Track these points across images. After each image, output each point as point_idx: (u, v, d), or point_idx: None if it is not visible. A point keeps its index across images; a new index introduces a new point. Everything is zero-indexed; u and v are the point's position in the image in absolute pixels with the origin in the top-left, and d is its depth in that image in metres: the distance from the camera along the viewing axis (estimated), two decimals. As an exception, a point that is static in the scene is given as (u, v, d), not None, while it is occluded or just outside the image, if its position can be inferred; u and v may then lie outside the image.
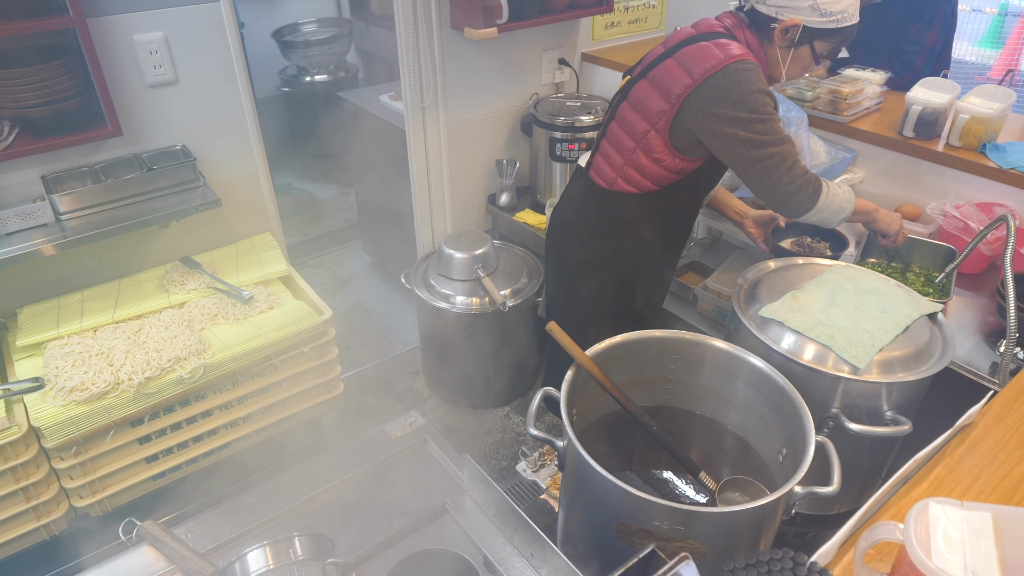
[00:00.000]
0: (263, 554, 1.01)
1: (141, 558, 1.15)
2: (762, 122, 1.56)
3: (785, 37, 1.64)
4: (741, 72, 1.55)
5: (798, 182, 1.61)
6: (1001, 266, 1.58)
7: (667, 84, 1.62)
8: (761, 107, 1.56)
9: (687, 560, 0.77)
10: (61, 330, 1.93)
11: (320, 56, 4.36)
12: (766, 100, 1.57)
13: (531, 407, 1.30)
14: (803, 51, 1.66)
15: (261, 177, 2.37)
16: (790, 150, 1.60)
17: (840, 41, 1.66)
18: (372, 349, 3.28)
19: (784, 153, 1.60)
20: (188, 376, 1.83)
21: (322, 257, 4.02)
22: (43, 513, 1.80)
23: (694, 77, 1.57)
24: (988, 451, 1.24)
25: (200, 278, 2.14)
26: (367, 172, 3.49)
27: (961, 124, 2.12)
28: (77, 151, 2.00)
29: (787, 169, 1.60)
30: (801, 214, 1.65)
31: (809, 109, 2.42)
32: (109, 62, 1.93)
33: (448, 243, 2.73)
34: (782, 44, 1.66)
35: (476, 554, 1.18)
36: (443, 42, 2.56)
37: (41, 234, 1.86)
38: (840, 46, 1.68)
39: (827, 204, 1.65)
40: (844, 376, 1.39)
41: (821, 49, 1.66)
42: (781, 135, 1.59)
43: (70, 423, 1.71)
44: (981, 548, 0.86)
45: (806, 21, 1.60)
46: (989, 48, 5.08)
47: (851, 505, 1.65)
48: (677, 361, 1.44)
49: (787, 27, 1.62)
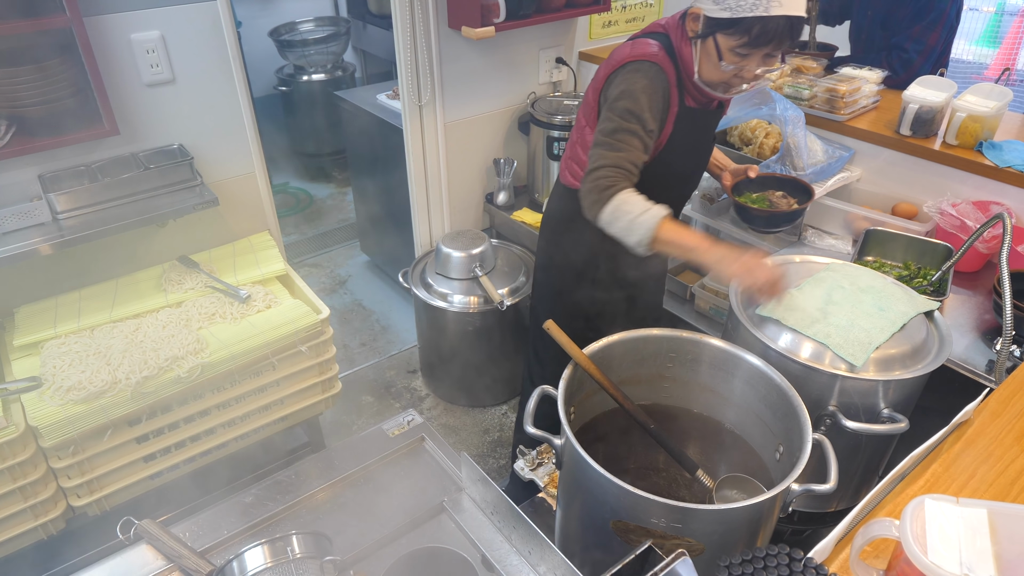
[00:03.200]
0: (261, 552, 1.01)
1: (139, 556, 1.15)
2: (610, 119, 1.52)
3: (691, 28, 1.53)
4: (630, 72, 1.53)
5: (589, 185, 1.52)
6: (997, 264, 1.59)
7: (594, 82, 1.66)
8: (624, 108, 1.51)
9: (684, 557, 0.77)
10: (58, 329, 1.93)
11: (317, 55, 4.36)
12: (636, 103, 1.51)
13: (528, 405, 1.30)
14: (709, 45, 1.49)
15: (258, 176, 2.37)
16: (605, 153, 1.52)
17: (751, 41, 1.43)
18: (370, 348, 3.28)
19: (597, 155, 1.53)
20: (186, 375, 1.83)
21: (319, 256, 4.02)
22: (41, 512, 1.80)
23: (603, 75, 1.61)
24: (984, 448, 1.24)
25: (197, 277, 2.14)
26: (364, 171, 3.49)
27: (958, 122, 2.13)
28: (74, 150, 2.00)
29: (591, 167, 1.53)
30: (591, 219, 1.55)
31: (806, 107, 2.43)
32: (106, 61, 1.93)
33: (446, 242, 2.73)
34: (690, 36, 1.54)
35: (474, 552, 1.18)
36: (440, 41, 2.56)
37: (38, 233, 1.86)
38: (755, 47, 1.44)
39: (611, 220, 1.50)
40: (841, 374, 1.39)
41: (726, 45, 1.46)
42: (613, 137, 1.52)
43: (67, 422, 1.71)
44: (977, 545, 0.87)
45: (704, 9, 1.47)
46: (986, 47, 5.08)
47: (848, 503, 1.65)
48: (674, 359, 1.45)
49: (694, 16, 1.51)
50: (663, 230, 1.45)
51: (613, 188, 1.49)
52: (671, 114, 1.60)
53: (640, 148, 1.53)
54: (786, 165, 2.22)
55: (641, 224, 1.45)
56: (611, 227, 1.50)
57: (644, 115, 1.52)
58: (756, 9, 1.38)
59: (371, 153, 3.30)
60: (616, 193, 1.48)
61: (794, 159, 2.22)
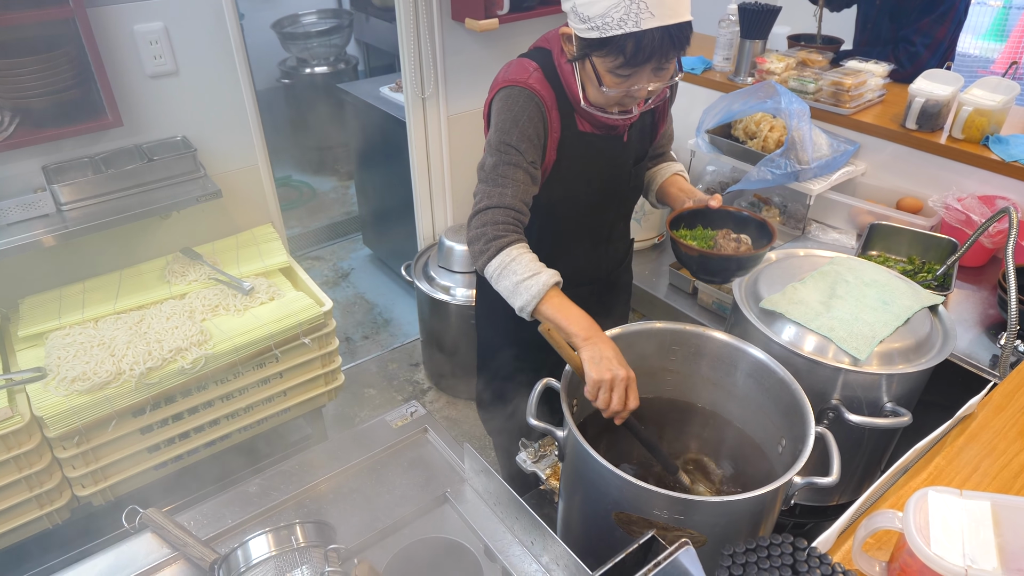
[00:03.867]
0: (265, 540, 1.02)
1: (144, 545, 1.15)
2: (490, 153, 1.40)
3: (567, 50, 1.38)
4: (501, 100, 1.41)
5: (476, 231, 1.37)
6: (1003, 259, 1.59)
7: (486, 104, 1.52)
8: (499, 141, 1.38)
9: (687, 546, 0.77)
10: (63, 320, 1.93)
11: (320, 47, 4.35)
12: (508, 134, 1.38)
13: (531, 397, 1.30)
14: (588, 68, 1.33)
15: (261, 168, 2.37)
16: (490, 191, 1.38)
17: (628, 60, 1.25)
18: (372, 341, 3.29)
19: (482, 193, 1.39)
20: (189, 366, 1.83)
21: (322, 249, 4.02)
22: (46, 502, 1.81)
23: (487, 100, 1.49)
24: (987, 442, 1.24)
25: (201, 269, 2.14)
26: (367, 164, 3.48)
27: (964, 116, 2.12)
28: (78, 141, 2.00)
29: (476, 208, 1.39)
30: (476, 268, 1.41)
31: (811, 101, 2.42)
32: (109, 52, 1.93)
33: (449, 235, 2.73)
34: (568, 59, 1.39)
35: (477, 542, 1.19)
36: (444, 33, 2.55)
37: (42, 225, 1.86)
38: (634, 65, 1.26)
39: (496, 277, 1.35)
40: (844, 367, 1.39)
41: (603, 67, 1.29)
42: (495, 172, 1.38)
43: (72, 413, 1.72)
44: (980, 536, 0.87)
45: (574, 29, 1.31)
46: (993, 41, 5.05)
47: (850, 496, 1.65)
48: (678, 353, 1.45)
49: (566, 36, 1.37)
50: (547, 303, 1.29)
51: (502, 240, 1.34)
52: (551, 140, 1.44)
53: (526, 181, 1.40)
54: (790, 159, 2.21)
55: (526, 290, 1.30)
56: (495, 283, 1.36)
57: (521, 146, 1.38)
58: (625, 25, 1.21)
59: (374, 146, 3.30)
60: (505, 247, 1.34)
61: (798, 153, 2.21)
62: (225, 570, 1.03)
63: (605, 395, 1.20)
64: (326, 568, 1.00)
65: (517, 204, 1.38)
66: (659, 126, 1.61)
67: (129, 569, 1.12)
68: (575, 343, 1.25)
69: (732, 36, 2.72)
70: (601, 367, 1.20)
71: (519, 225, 1.39)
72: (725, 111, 2.42)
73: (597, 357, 1.22)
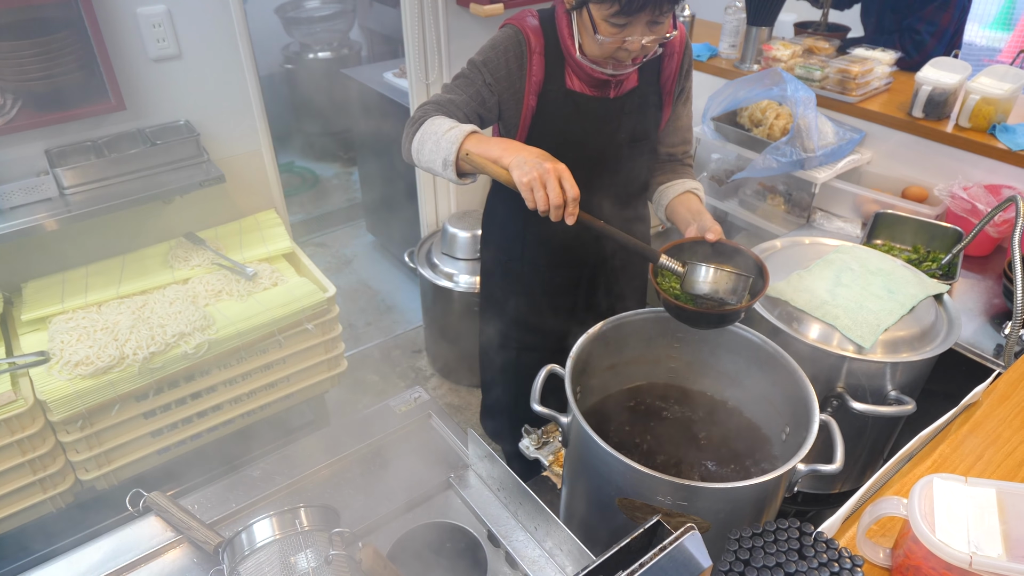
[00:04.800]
0: (269, 524, 1.02)
1: (148, 528, 1.16)
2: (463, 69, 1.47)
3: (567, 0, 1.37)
4: (493, 36, 1.48)
5: (406, 125, 1.40)
6: (1008, 248, 1.58)
7: None
8: (470, 60, 1.46)
9: (692, 531, 0.77)
10: (66, 305, 1.93)
11: (323, 33, 4.32)
12: (481, 54, 1.45)
13: (535, 384, 1.30)
14: (585, 17, 1.33)
15: (265, 153, 2.36)
16: (437, 96, 1.43)
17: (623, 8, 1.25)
18: (375, 328, 3.29)
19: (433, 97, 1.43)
20: (193, 351, 1.84)
21: (325, 236, 4.02)
22: (50, 485, 1.81)
23: None
24: (992, 430, 1.24)
25: (204, 254, 2.14)
26: (371, 150, 3.47)
27: (971, 105, 2.10)
28: (80, 125, 1.99)
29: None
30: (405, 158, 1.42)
31: (818, 89, 2.40)
32: (112, 35, 1.92)
33: (452, 222, 2.72)
34: (566, 8, 1.39)
35: (480, 527, 1.19)
36: (448, 18, 2.53)
37: (45, 208, 1.86)
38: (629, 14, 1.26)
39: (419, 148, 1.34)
40: (849, 355, 1.39)
41: (599, 15, 1.29)
42: (450, 84, 1.46)
43: (76, 397, 1.72)
44: (985, 523, 0.87)
45: None
46: (1000, 31, 5.01)
47: (852, 484, 1.65)
48: (683, 339, 1.44)
49: None
50: (470, 141, 1.26)
51: (424, 117, 1.36)
52: (530, 84, 1.45)
53: (472, 97, 1.42)
54: (796, 147, 2.20)
55: (447, 140, 1.27)
56: (421, 157, 1.34)
57: (484, 68, 1.43)
58: None
59: (377, 132, 3.28)
60: (425, 121, 1.35)
61: (804, 141, 2.20)
62: (229, 553, 1.03)
63: (540, 193, 1.14)
64: (330, 551, 1.00)
65: (449, 106, 1.41)
66: (665, 106, 1.57)
67: (133, 552, 1.12)
68: (502, 162, 1.21)
69: (738, 23, 2.70)
70: (525, 168, 1.16)
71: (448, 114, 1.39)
72: (731, 98, 2.41)
73: (520, 162, 1.17)
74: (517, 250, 1.72)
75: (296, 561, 0.99)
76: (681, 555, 0.76)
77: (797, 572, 0.88)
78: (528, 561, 1.12)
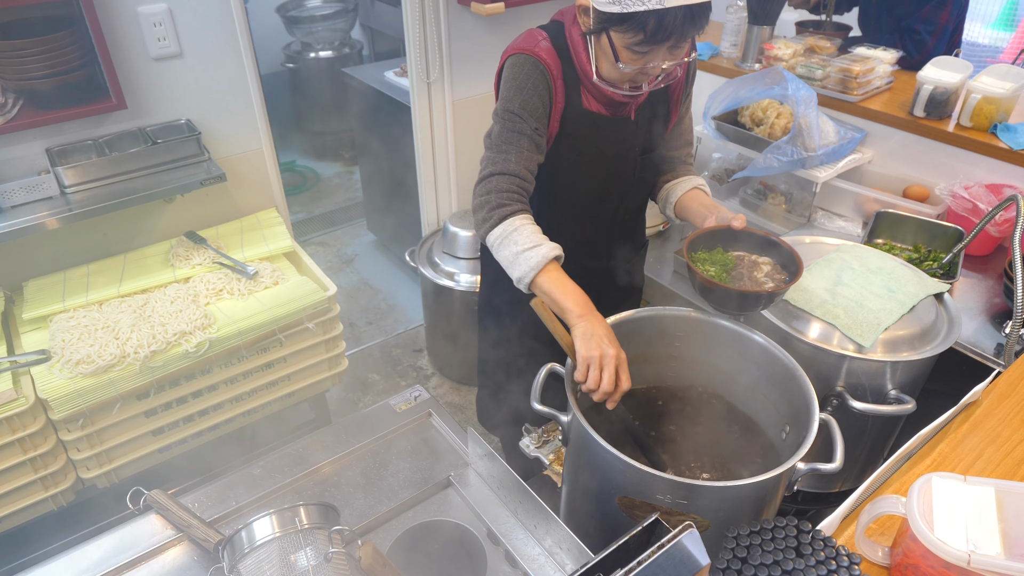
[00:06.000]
0: (269, 522, 1.02)
1: (149, 526, 1.16)
2: (496, 121, 1.42)
3: (583, 23, 1.36)
4: (509, 68, 1.42)
5: (480, 199, 1.38)
6: (1009, 247, 1.58)
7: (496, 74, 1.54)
8: (504, 109, 1.40)
9: (691, 529, 0.77)
10: (67, 303, 1.94)
11: (325, 32, 4.32)
12: (512, 102, 1.39)
13: (535, 382, 1.30)
14: (604, 43, 1.31)
15: (266, 152, 2.36)
16: (494, 158, 1.39)
17: (648, 37, 1.24)
18: (376, 327, 3.29)
19: (488, 159, 1.40)
20: (193, 350, 1.84)
21: (326, 235, 4.02)
22: (51, 484, 1.82)
23: (497, 68, 1.50)
24: (991, 429, 1.24)
25: (205, 253, 2.14)
26: (372, 150, 3.47)
27: (972, 104, 2.10)
28: (82, 124, 1.99)
29: (483, 174, 1.40)
30: (479, 236, 1.41)
31: (819, 88, 2.40)
32: (113, 34, 1.92)
33: (453, 221, 2.72)
34: (583, 32, 1.38)
35: (480, 526, 1.19)
36: (449, 17, 2.53)
37: (46, 207, 1.86)
38: (654, 43, 1.25)
39: (497, 246, 1.35)
40: (849, 354, 1.39)
41: (620, 43, 1.28)
42: (500, 139, 1.40)
43: (77, 395, 1.72)
44: (984, 522, 0.87)
45: (593, 1, 1.28)
46: (1002, 30, 5.00)
47: (852, 484, 1.65)
48: (682, 339, 1.44)
49: (582, 8, 1.34)
50: (545, 275, 1.28)
51: (505, 208, 1.34)
52: (555, 111, 1.44)
53: (531, 148, 1.41)
54: (797, 146, 2.20)
55: (525, 261, 1.29)
56: (496, 252, 1.36)
57: (524, 113, 1.39)
58: (648, 2, 1.19)
59: (378, 131, 3.28)
60: (508, 216, 1.34)
61: (805, 140, 2.20)
62: (229, 551, 1.03)
63: (595, 372, 1.17)
64: (330, 549, 1.00)
65: (522, 171, 1.39)
66: (672, 115, 1.57)
67: (133, 550, 1.12)
68: (568, 319, 1.23)
69: (740, 22, 2.69)
70: (591, 344, 1.17)
71: (524, 193, 1.39)
72: (732, 97, 2.41)
73: (589, 333, 1.19)
74: None
75: (296, 559, 0.99)
76: (679, 553, 0.76)
77: (795, 570, 0.88)
78: (528, 559, 1.12)
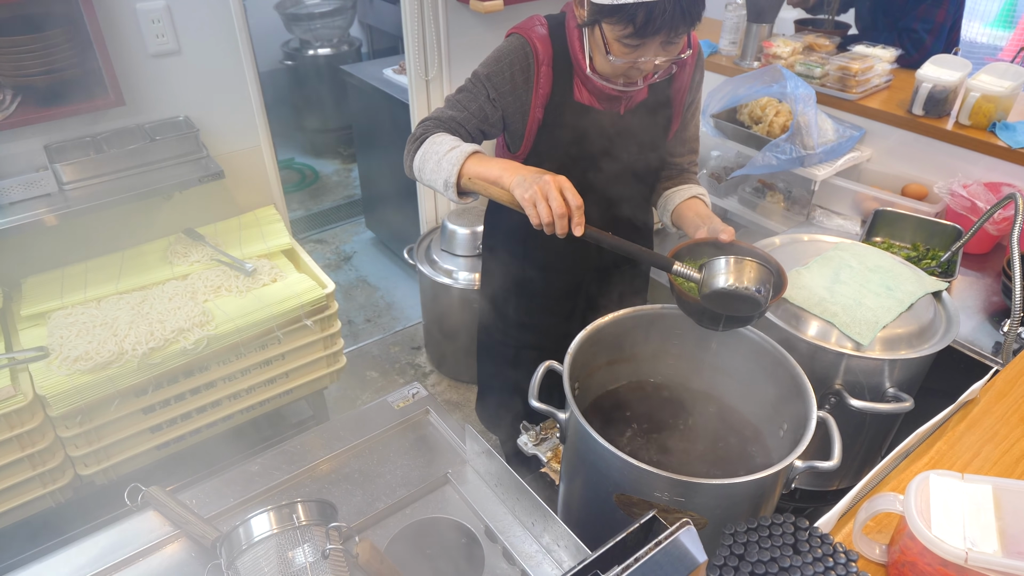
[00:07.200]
0: (267, 518, 1.02)
1: (146, 523, 1.16)
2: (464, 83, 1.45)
3: (578, 14, 1.35)
4: (501, 44, 1.44)
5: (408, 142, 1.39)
6: (1007, 246, 1.58)
7: None
8: (475, 72, 1.43)
9: (688, 526, 0.77)
10: (65, 300, 1.93)
11: (323, 29, 4.32)
12: (485, 67, 1.41)
13: (533, 380, 1.30)
14: (597, 35, 1.30)
15: (264, 149, 2.35)
16: (440, 110, 1.42)
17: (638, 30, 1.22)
18: (374, 324, 3.29)
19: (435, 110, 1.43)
20: (191, 347, 1.84)
21: (324, 232, 4.02)
22: (49, 480, 1.82)
23: None
24: (989, 427, 1.24)
25: (203, 250, 2.14)
26: (370, 147, 3.47)
27: (971, 102, 2.10)
28: (80, 120, 1.99)
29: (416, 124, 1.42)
30: (407, 174, 1.42)
31: (817, 86, 2.40)
32: (111, 30, 1.91)
33: (451, 218, 2.72)
34: (577, 23, 1.36)
35: (477, 523, 1.19)
36: (448, 15, 2.53)
37: (44, 204, 1.86)
38: (644, 36, 1.23)
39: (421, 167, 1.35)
40: (847, 352, 1.39)
41: (611, 35, 1.26)
42: (453, 98, 1.43)
43: (75, 392, 1.72)
44: (981, 520, 0.87)
45: None
46: (1001, 29, 5.00)
47: (850, 482, 1.66)
48: (680, 336, 1.44)
49: (580, 0, 1.33)
50: (469, 164, 1.27)
51: (425, 135, 1.36)
52: (537, 97, 1.42)
53: (474, 113, 1.40)
54: (796, 144, 2.20)
55: (448, 160, 1.28)
56: (423, 175, 1.35)
57: (488, 82, 1.40)
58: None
59: (377, 128, 3.28)
60: (428, 138, 1.35)
61: (804, 138, 2.20)
62: (227, 548, 1.03)
63: (543, 206, 1.14)
64: (328, 546, 1.00)
65: (451, 123, 1.40)
66: (674, 119, 1.55)
67: (131, 547, 1.12)
68: (501, 183, 1.22)
69: (739, 20, 2.69)
70: (525, 184, 1.17)
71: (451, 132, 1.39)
72: (731, 95, 2.41)
73: (519, 180, 1.18)
74: (519, 253, 1.71)
75: (293, 556, 0.99)
76: (676, 550, 0.76)
77: (791, 567, 0.88)
78: (525, 556, 1.12)
